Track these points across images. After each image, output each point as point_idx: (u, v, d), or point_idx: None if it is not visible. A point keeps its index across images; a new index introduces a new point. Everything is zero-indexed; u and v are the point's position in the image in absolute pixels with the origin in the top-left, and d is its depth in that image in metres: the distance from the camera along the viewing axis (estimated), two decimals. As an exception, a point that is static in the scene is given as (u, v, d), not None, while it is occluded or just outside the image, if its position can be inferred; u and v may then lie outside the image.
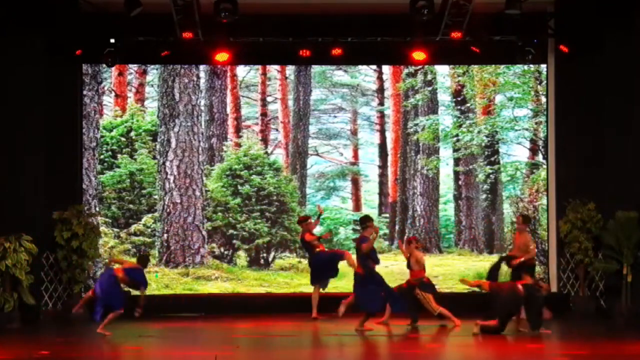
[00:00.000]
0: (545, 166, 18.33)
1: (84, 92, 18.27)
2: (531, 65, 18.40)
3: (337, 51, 17.59)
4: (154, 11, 16.21)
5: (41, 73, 17.07)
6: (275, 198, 18.92)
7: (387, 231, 19.03)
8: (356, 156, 19.49)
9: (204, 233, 18.68)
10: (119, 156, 18.78)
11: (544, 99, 18.38)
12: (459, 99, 19.09)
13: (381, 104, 19.50)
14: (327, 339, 14.96)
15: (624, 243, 16.49)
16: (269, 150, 19.28)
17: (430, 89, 19.19)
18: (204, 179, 18.80)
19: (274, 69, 19.48)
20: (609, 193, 17.06)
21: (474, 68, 18.96)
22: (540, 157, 18.77)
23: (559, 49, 17.50)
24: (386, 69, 19.33)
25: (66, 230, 16.92)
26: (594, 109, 17.37)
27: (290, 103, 19.28)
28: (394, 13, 16.89)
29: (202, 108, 19.00)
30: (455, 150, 19.14)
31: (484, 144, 18.98)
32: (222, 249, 18.75)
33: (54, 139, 17.29)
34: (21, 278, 15.98)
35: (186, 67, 18.82)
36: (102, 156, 18.62)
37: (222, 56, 17.54)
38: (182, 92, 18.84)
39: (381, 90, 19.48)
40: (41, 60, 17.03)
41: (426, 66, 18.88)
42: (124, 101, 19.18)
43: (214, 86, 19.24)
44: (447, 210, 19.29)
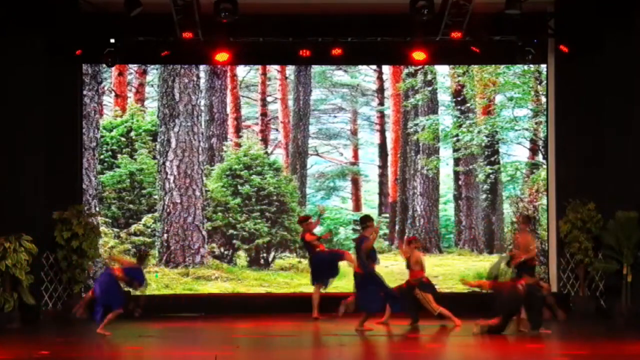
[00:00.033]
0: (545, 166, 18.33)
1: (84, 92, 18.27)
2: (531, 65, 18.40)
3: (337, 51, 17.59)
4: (154, 11, 16.21)
5: (41, 73, 17.07)
6: (275, 198, 18.91)
7: (387, 231, 19.03)
8: (356, 156, 19.49)
9: (204, 233, 18.67)
10: (119, 156, 18.78)
11: (544, 99, 18.38)
12: (459, 99, 19.08)
13: (381, 104, 19.50)
14: (327, 339, 14.96)
15: (624, 243, 16.49)
16: (269, 150, 19.27)
17: (430, 89, 19.19)
18: (204, 179, 18.80)
19: (274, 69, 19.48)
20: (609, 193, 17.06)
21: (474, 68, 18.95)
22: (540, 157, 18.77)
23: (559, 49, 17.49)
24: (386, 69, 19.33)
25: (66, 230, 16.92)
26: (594, 109, 17.36)
27: (290, 103, 19.27)
28: (394, 13, 16.89)
29: (202, 108, 19.00)
30: (455, 150, 19.14)
31: (484, 144, 18.98)
32: (222, 249, 18.74)
33: (54, 139, 17.28)
34: (21, 278, 15.98)
35: (186, 67, 18.82)
36: (102, 156, 18.62)
37: (222, 56, 17.54)
38: (182, 92, 18.84)
39: (381, 90, 19.48)
40: (41, 60, 17.02)
41: (426, 66, 18.88)
42: (124, 101, 19.18)
43: (214, 86, 19.23)
44: (447, 210, 19.29)
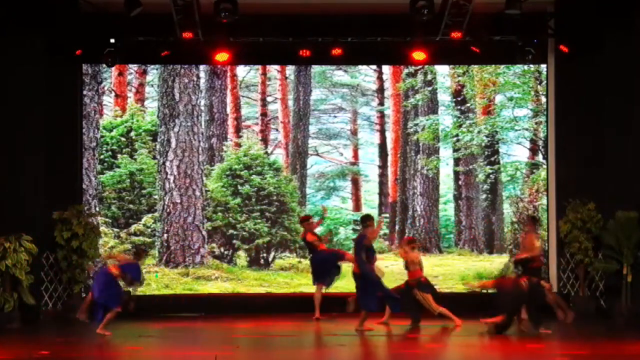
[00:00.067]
0: (545, 166, 18.32)
1: (84, 92, 18.27)
2: (531, 65, 18.40)
3: (337, 51, 17.58)
4: (154, 11, 16.21)
5: (41, 73, 17.07)
6: (275, 198, 18.91)
7: (387, 231, 19.02)
8: (356, 156, 19.48)
9: (204, 233, 18.67)
10: (119, 156, 18.78)
11: (544, 99, 18.38)
12: (459, 99, 19.08)
13: (381, 104, 19.49)
14: (327, 339, 14.96)
15: (624, 243, 16.49)
16: (269, 150, 19.27)
17: (430, 89, 19.18)
18: (204, 179, 18.80)
19: (274, 69, 19.47)
20: (609, 193, 17.06)
21: (474, 68, 18.95)
22: (540, 157, 18.77)
23: (559, 49, 17.49)
24: (386, 69, 19.33)
25: (66, 230, 16.91)
26: (594, 109, 17.36)
27: (290, 103, 19.27)
28: (394, 13, 16.89)
29: (202, 108, 18.99)
30: (455, 150, 19.14)
31: (484, 144, 18.98)
32: (222, 249, 18.74)
33: (54, 139, 17.28)
34: (21, 278, 15.98)
35: (186, 67, 18.82)
36: (102, 156, 18.62)
37: (222, 56, 17.54)
38: (182, 92, 18.84)
39: (381, 90, 19.47)
40: (41, 60, 17.03)
41: (426, 66, 18.88)
42: (124, 101, 19.18)
43: (214, 86, 19.23)
44: (447, 210, 19.29)
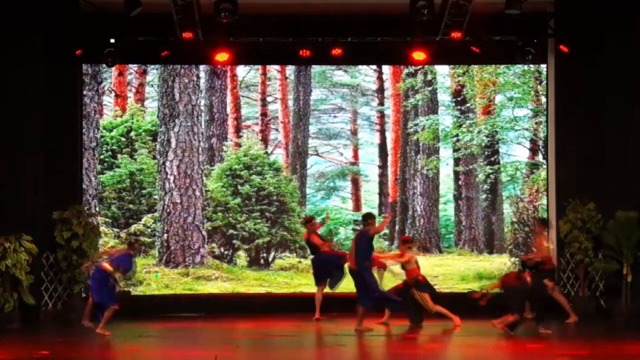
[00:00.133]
0: (545, 166, 18.32)
1: (84, 92, 18.27)
2: (531, 65, 18.40)
3: (337, 51, 17.58)
4: (154, 11, 16.21)
5: (41, 73, 17.06)
6: (275, 198, 18.91)
7: (387, 231, 19.01)
8: (356, 156, 19.48)
9: (204, 233, 18.67)
10: (119, 156, 18.78)
11: (544, 99, 18.38)
12: (459, 99, 19.08)
13: (381, 104, 19.49)
14: (327, 339, 14.97)
15: (624, 243, 16.49)
16: (269, 150, 19.27)
17: (430, 89, 19.18)
18: (204, 179, 18.80)
19: (274, 69, 19.47)
20: (609, 193, 17.06)
21: (474, 68, 18.95)
22: (540, 157, 18.76)
23: (559, 49, 17.49)
24: (386, 69, 19.32)
25: (66, 230, 16.91)
26: (594, 109, 17.36)
27: (290, 103, 19.27)
28: (394, 13, 16.88)
29: (202, 108, 18.99)
30: (455, 150, 19.14)
31: (484, 144, 18.98)
32: (222, 249, 18.74)
33: (54, 139, 17.28)
34: (21, 278, 15.98)
35: (186, 67, 18.82)
36: (102, 156, 18.62)
37: (222, 56, 17.54)
38: (182, 92, 18.83)
39: (381, 90, 19.47)
40: (41, 60, 17.02)
41: (426, 66, 18.88)
42: (124, 101, 19.18)
43: (214, 86, 19.23)
44: (447, 210, 19.28)
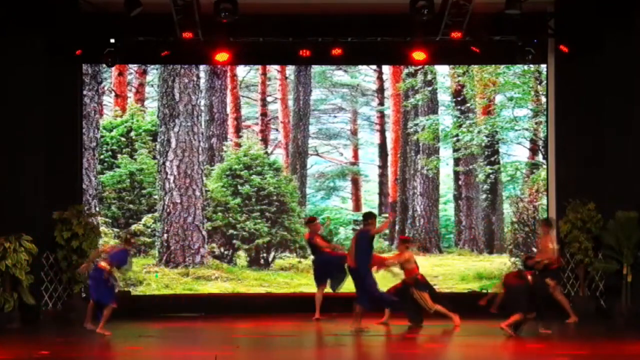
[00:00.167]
0: (545, 166, 18.32)
1: (84, 92, 18.27)
2: (531, 65, 18.40)
3: (337, 51, 17.59)
4: (154, 11, 16.21)
5: (41, 73, 17.07)
6: (275, 198, 18.91)
7: (387, 231, 18.99)
8: (356, 156, 19.48)
9: (204, 233, 18.67)
10: (119, 156, 18.78)
11: (544, 99, 18.38)
12: (459, 99, 19.08)
13: (381, 104, 19.49)
14: (327, 339, 14.96)
15: (624, 243, 16.49)
16: (269, 150, 19.26)
17: (430, 89, 19.18)
18: (204, 179, 18.79)
19: (274, 69, 19.47)
20: (609, 193, 17.06)
21: (474, 68, 18.94)
22: (540, 157, 18.76)
23: (559, 49, 17.49)
24: (386, 69, 19.32)
25: (66, 230, 16.91)
26: (594, 109, 17.36)
27: (290, 103, 19.27)
28: (394, 13, 16.88)
29: (202, 108, 18.99)
30: (455, 150, 19.13)
31: (484, 144, 18.97)
32: (222, 249, 18.74)
33: (54, 139, 17.28)
34: (21, 278, 15.99)
35: (186, 67, 18.81)
36: (102, 156, 18.62)
37: (222, 56, 17.54)
38: (182, 92, 18.83)
39: (381, 90, 19.47)
40: (41, 60, 17.03)
41: (426, 66, 18.87)
42: (124, 101, 19.17)
43: (214, 86, 19.22)
44: (447, 210, 19.28)
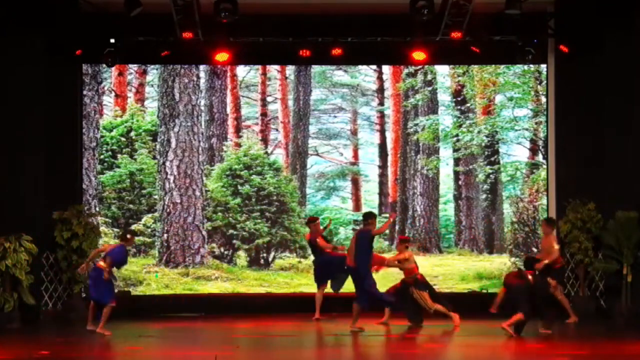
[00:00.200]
0: (545, 166, 18.32)
1: (84, 92, 18.27)
2: (531, 65, 18.40)
3: (337, 51, 17.59)
4: (154, 11, 16.22)
5: (41, 73, 17.07)
6: (275, 198, 18.91)
7: (387, 231, 18.99)
8: (356, 156, 19.48)
9: (204, 233, 18.67)
10: (119, 156, 18.78)
11: (544, 99, 18.38)
12: (459, 99, 19.08)
13: (381, 104, 19.49)
14: (327, 339, 14.97)
15: (624, 243, 16.49)
16: (269, 150, 19.26)
17: (430, 89, 19.18)
18: (204, 179, 18.79)
19: (274, 69, 19.47)
20: (609, 193, 17.06)
21: (474, 68, 18.94)
22: (540, 157, 18.76)
23: (559, 49, 17.50)
24: (386, 69, 19.32)
25: (66, 230, 16.91)
26: (594, 109, 17.36)
27: (290, 103, 19.27)
28: (394, 13, 16.89)
29: (202, 108, 18.99)
30: (455, 150, 19.13)
31: (484, 144, 18.97)
32: (222, 249, 18.74)
33: (54, 139, 17.28)
34: (21, 278, 15.98)
35: (186, 67, 18.81)
36: (102, 156, 18.62)
37: (222, 56, 17.55)
38: (182, 92, 18.83)
39: (381, 90, 19.47)
40: (41, 60, 17.03)
41: (426, 66, 18.87)
42: (124, 101, 19.17)
43: (214, 86, 19.22)
44: (447, 210, 19.28)
